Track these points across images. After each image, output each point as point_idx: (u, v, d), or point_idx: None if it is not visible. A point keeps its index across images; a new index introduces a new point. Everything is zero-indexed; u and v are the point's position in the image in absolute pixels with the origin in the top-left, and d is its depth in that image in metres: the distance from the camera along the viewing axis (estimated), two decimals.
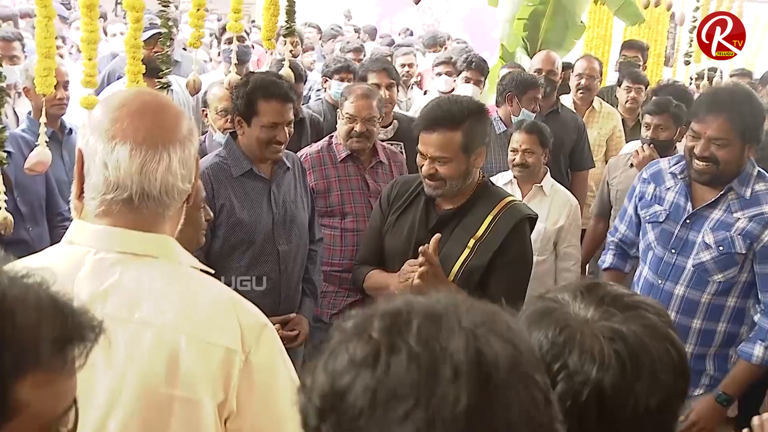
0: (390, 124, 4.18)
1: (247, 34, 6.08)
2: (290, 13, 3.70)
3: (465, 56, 5.34)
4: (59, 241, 1.44)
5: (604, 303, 1.19)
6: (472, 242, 2.61)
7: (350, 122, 3.55)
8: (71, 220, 1.46)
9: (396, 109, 4.49)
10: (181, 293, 1.40)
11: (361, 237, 3.41)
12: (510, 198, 2.74)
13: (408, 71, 6.47)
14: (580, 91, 5.13)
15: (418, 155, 2.67)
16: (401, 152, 4.01)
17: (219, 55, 5.88)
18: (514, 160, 3.82)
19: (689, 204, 2.77)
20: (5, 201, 2.94)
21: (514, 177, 3.86)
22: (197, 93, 3.78)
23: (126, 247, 1.39)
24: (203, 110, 4.16)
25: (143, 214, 1.40)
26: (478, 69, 5.10)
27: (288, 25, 3.68)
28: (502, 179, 3.91)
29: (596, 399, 1.11)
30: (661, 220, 2.82)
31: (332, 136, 3.71)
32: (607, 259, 3.27)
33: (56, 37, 5.63)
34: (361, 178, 3.62)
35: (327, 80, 4.77)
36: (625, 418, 1.11)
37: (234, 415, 1.39)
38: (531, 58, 6.41)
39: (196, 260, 1.50)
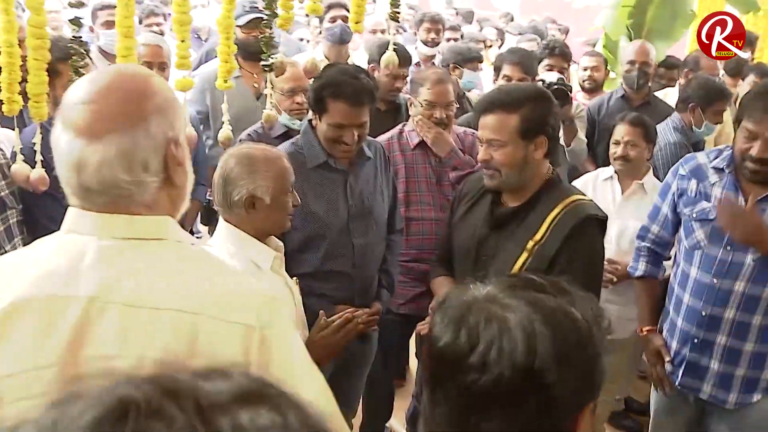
0: None
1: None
2: None
3: (546, 42, 5.13)
4: None
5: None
6: (530, 244, 2.45)
7: (430, 108, 3.42)
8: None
9: None
10: (195, 273, 1.37)
11: (426, 226, 3.41)
12: (576, 196, 2.54)
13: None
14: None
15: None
16: None
17: (320, 33, 5.80)
18: (615, 152, 3.66)
19: (741, 198, 2.61)
20: None
21: (615, 171, 3.69)
22: (314, 74, 3.68)
23: (130, 231, 1.35)
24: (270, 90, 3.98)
25: (120, 199, 1.33)
26: (561, 55, 4.83)
27: (393, 10, 3.56)
28: (603, 174, 3.76)
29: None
30: (711, 218, 2.65)
31: (404, 124, 3.59)
32: (639, 266, 3.03)
33: (158, 15, 5.77)
34: (430, 166, 3.49)
35: (457, 68, 4.65)
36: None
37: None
38: None
39: (193, 237, 1.48)
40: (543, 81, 4.03)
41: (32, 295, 1.30)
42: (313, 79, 3.02)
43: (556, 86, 3.85)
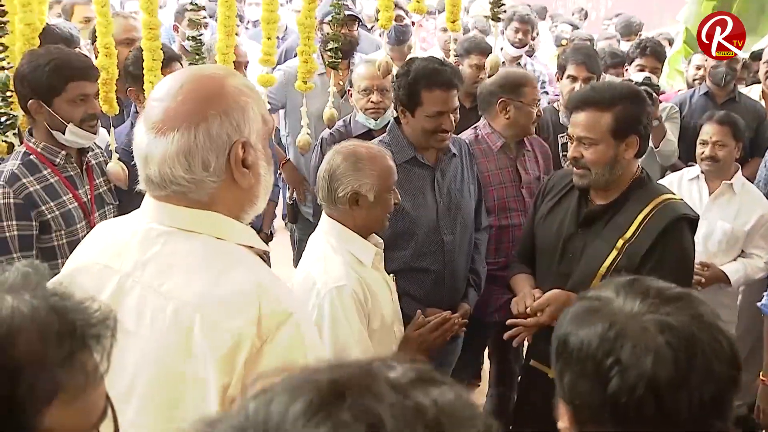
0: None
1: (406, 12, 5.96)
2: None
3: (638, 41, 4.96)
4: None
5: (649, 296, 1.18)
6: (620, 243, 2.44)
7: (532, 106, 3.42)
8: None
9: None
10: (209, 270, 1.40)
11: (516, 232, 3.35)
12: (667, 195, 2.51)
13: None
14: None
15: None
16: None
17: (380, 36, 5.82)
18: (703, 153, 3.58)
19: None
20: None
21: (702, 172, 3.60)
22: (388, 74, 3.70)
23: (174, 221, 1.42)
24: (348, 90, 3.92)
25: (178, 194, 1.41)
26: (654, 55, 4.67)
27: (495, 10, 3.52)
28: (688, 174, 3.69)
29: (652, 393, 1.09)
30: None
31: (476, 127, 3.53)
32: None
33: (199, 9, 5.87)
34: (513, 169, 3.46)
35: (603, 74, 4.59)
36: (680, 410, 1.10)
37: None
38: None
39: (252, 237, 1.51)
40: (630, 81, 3.96)
41: (93, 261, 1.48)
42: (397, 77, 3.03)
43: (642, 86, 3.78)
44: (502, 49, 5.80)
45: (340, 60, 3.68)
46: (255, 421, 0.56)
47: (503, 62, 5.50)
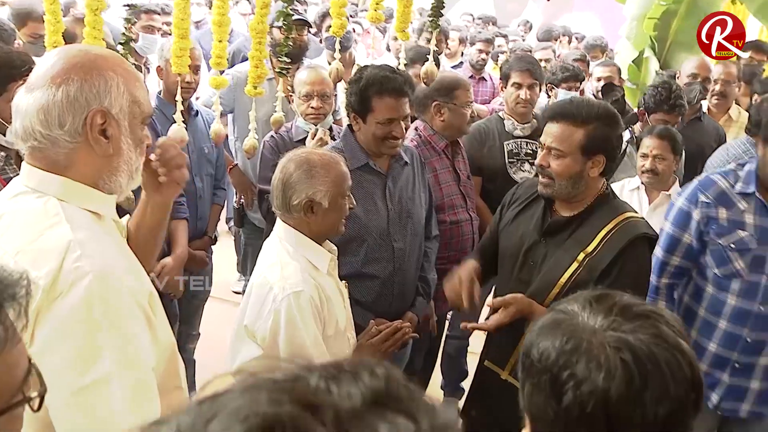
0: (528, 122, 4.07)
1: (349, 19, 6.02)
2: (437, 7, 3.58)
3: (561, 65, 4.97)
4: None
5: (612, 312, 1.18)
6: (581, 256, 2.49)
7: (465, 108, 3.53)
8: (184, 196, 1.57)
9: None
10: (35, 227, 1.50)
11: (465, 227, 3.53)
12: (629, 213, 2.56)
13: (545, 67, 6.10)
14: (715, 97, 4.80)
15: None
16: (536, 151, 3.95)
17: (321, 42, 5.84)
18: (643, 165, 3.67)
19: None
20: None
21: (642, 183, 3.71)
22: (339, 81, 3.70)
23: (29, 182, 1.57)
24: (290, 95, 3.94)
25: (37, 150, 1.55)
26: (573, 77, 4.66)
27: (433, 19, 3.57)
28: (629, 185, 3.78)
29: (603, 408, 1.10)
30: (752, 247, 2.61)
31: (416, 128, 3.61)
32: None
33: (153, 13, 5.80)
34: (452, 168, 3.58)
35: (553, 88, 4.65)
36: (633, 428, 1.11)
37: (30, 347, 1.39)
38: (658, 59, 6.19)
39: (101, 204, 1.61)
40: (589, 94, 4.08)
41: None
42: (349, 84, 3.06)
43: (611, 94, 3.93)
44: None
45: (290, 67, 3.68)
46: None
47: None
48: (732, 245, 2.65)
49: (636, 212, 2.66)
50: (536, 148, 3.96)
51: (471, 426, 2.74)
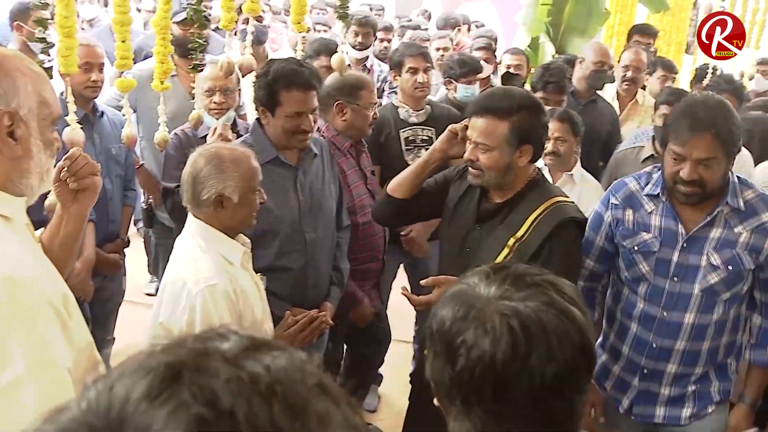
0: (422, 109, 4.10)
1: (263, 12, 5.97)
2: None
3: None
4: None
5: (506, 282, 1.24)
6: (512, 241, 2.52)
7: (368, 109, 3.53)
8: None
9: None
10: None
11: (377, 227, 3.47)
12: (558, 198, 2.59)
13: (442, 55, 5.98)
14: (626, 82, 4.95)
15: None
16: (431, 137, 4.00)
17: (235, 35, 5.78)
18: (546, 148, 3.79)
19: (681, 227, 2.53)
20: None
21: (545, 165, 3.84)
22: (231, 74, 3.69)
23: None
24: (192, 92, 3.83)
25: None
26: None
27: (342, 9, 3.56)
28: None
29: (490, 372, 1.15)
30: (655, 249, 2.55)
31: (318, 128, 3.43)
32: None
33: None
34: (359, 168, 3.57)
35: (452, 82, 4.59)
36: (520, 391, 1.15)
37: None
38: (554, 44, 6.38)
39: (6, 205, 1.59)
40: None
41: None
42: (257, 78, 3.05)
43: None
44: (347, 53, 5.90)
45: (204, 63, 3.64)
46: (97, 410, 0.55)
47: (349, 64, 5.61)
48: (636, 247, 2.60)
49: (566, 196, 2.69)
50: (432, 134, 4.04)
51: (415, 407, 2.80)
